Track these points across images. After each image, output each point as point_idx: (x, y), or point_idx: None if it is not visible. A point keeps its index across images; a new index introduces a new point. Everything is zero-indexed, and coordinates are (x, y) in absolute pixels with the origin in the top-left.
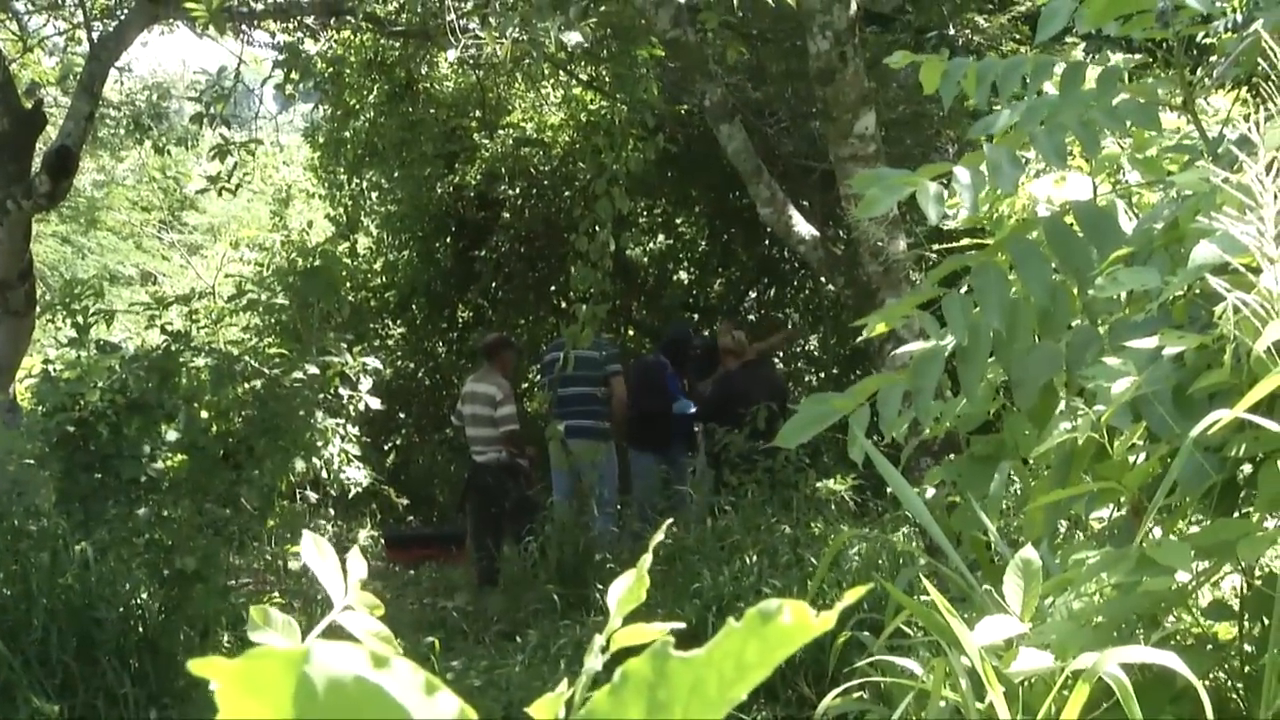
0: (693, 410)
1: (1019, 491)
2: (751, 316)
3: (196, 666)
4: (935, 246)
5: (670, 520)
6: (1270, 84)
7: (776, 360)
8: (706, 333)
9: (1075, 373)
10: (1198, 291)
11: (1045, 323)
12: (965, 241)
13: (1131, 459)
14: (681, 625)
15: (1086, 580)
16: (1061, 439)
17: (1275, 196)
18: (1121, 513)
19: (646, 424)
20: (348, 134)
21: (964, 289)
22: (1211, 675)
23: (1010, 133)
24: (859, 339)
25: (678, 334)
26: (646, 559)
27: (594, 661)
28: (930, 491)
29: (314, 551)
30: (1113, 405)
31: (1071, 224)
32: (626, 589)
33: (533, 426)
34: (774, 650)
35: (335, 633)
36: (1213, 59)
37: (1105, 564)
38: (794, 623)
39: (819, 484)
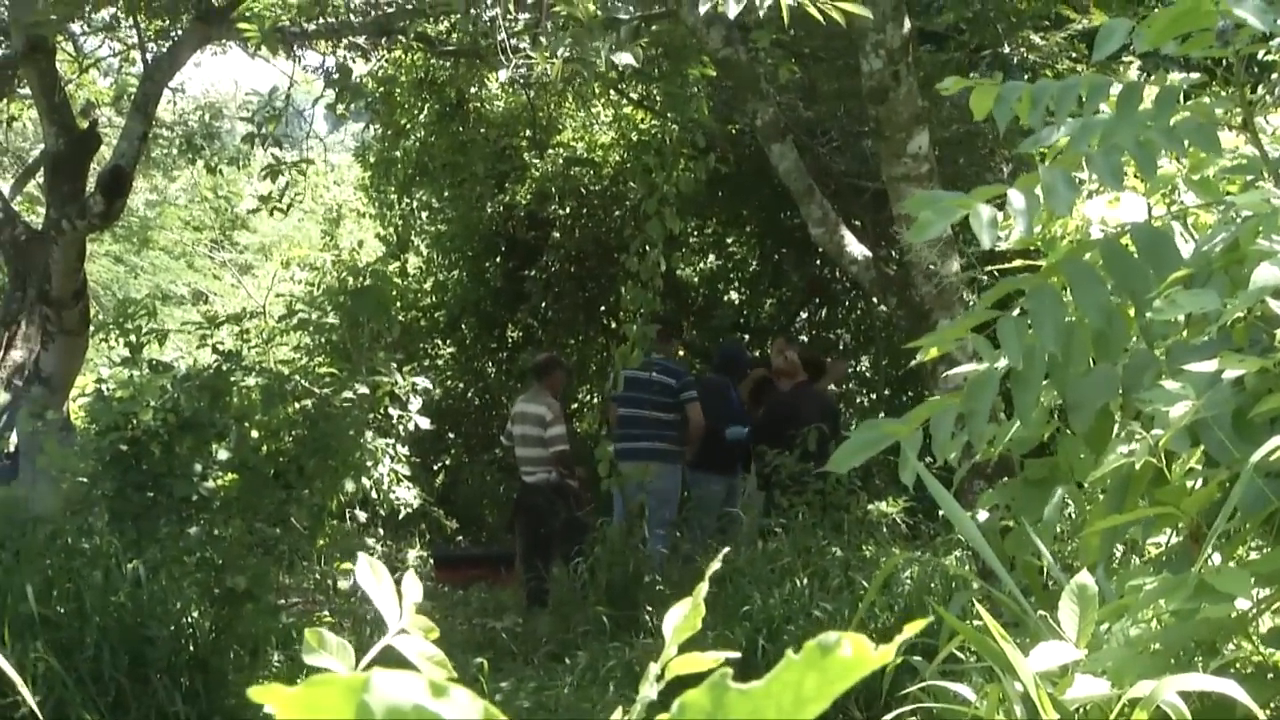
0: (744, 433)
1: (1074, 516)
2: (803, 337)
3: (257, 694)
4: (989, 268)
5: (726, 549)
6: None
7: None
8: (758, 353)
9: (1132, 396)
10: (1258, 314)
11: (1101, 346)
12: (1018, 264)
13: (1190, 484)
14: (736, 655)
15: (1143, 607)
16: (1118, 463)
17: None
18: (1180, 538)
19: (712, 445)
20: (398, 153)
21: (1018, 311)
22: (1273, 705)
23: (1065, 154)
24: (912, 361)
25: (732, 352)
26: (703, 588)
27: (649, 690)
28: (983, 515)
29: (369, 574)
30: (1171, 429)
31: (1128, 245)
32: (682, 617)
33: (583, 447)
34: (833, 683)
35: (389, 656)
36: (1274, 76)
37: (1163, 590)
38: (853, 655)
39: (870, 506)
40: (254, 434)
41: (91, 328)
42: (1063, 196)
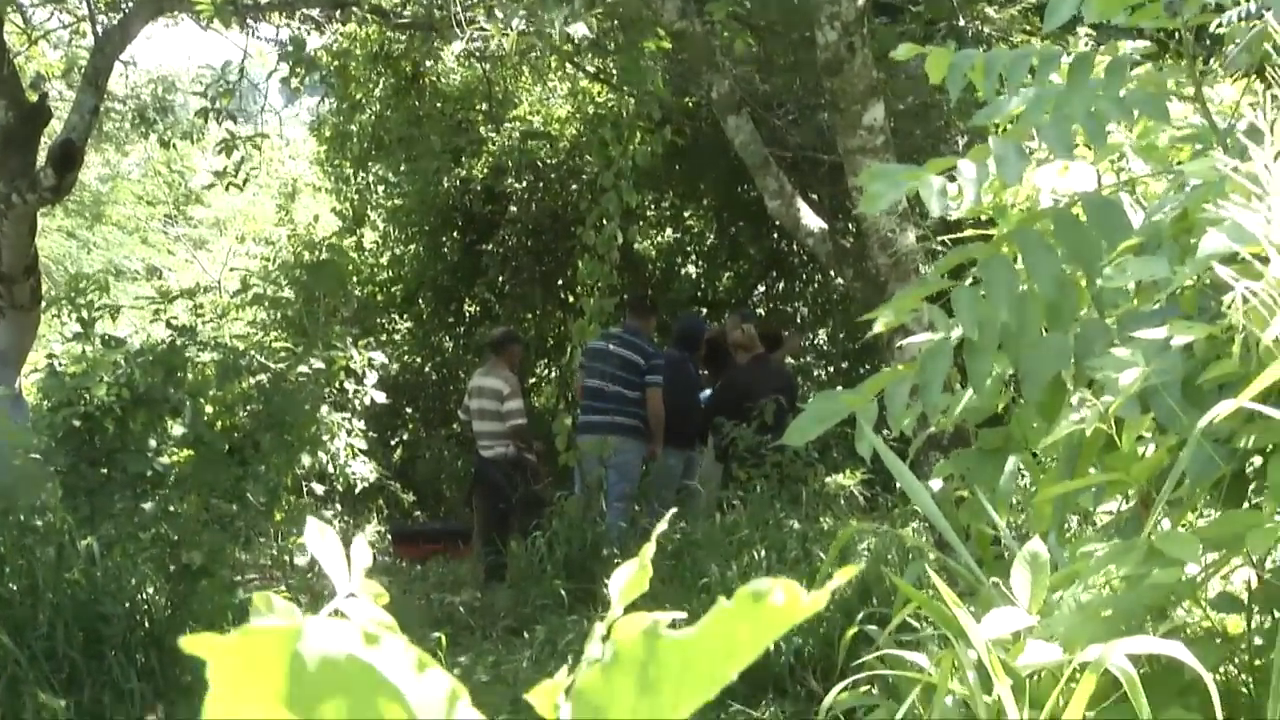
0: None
1: (1028, 485)
2: (760, 310)
3: (188, 644)
4: (945, 238)
5: (674, 510)
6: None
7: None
8: (716, 325)
9: (1084, 364)
10: (1207, 282)
11: (1053, 314)
12: (971, 233)
13: (1140, 450)
14: (683, 615)
15: (1094, 573)
16: (1069, 431)
17: None
18: (1130, 505)
19: (672, 418)
20: (354, 127)
21: (971, 281)
22: (1220, 669)
23: (1016, 124)
24: (868, 333)
25: (689, 326)
26: (649, 548)
27: (595, 649)
28: (938, 485)
29: (318, 538)
30: (1121, 397)
31: (1078, 214)
32: (629, 578)
33: (540, 421)
34: (766, 630)
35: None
36: (1224, 49)
37: (1113, 556)
38: (786, 602)
39: (828, 479)
40: (209, 409)
41: (43, 303)
42: (1013, 166)
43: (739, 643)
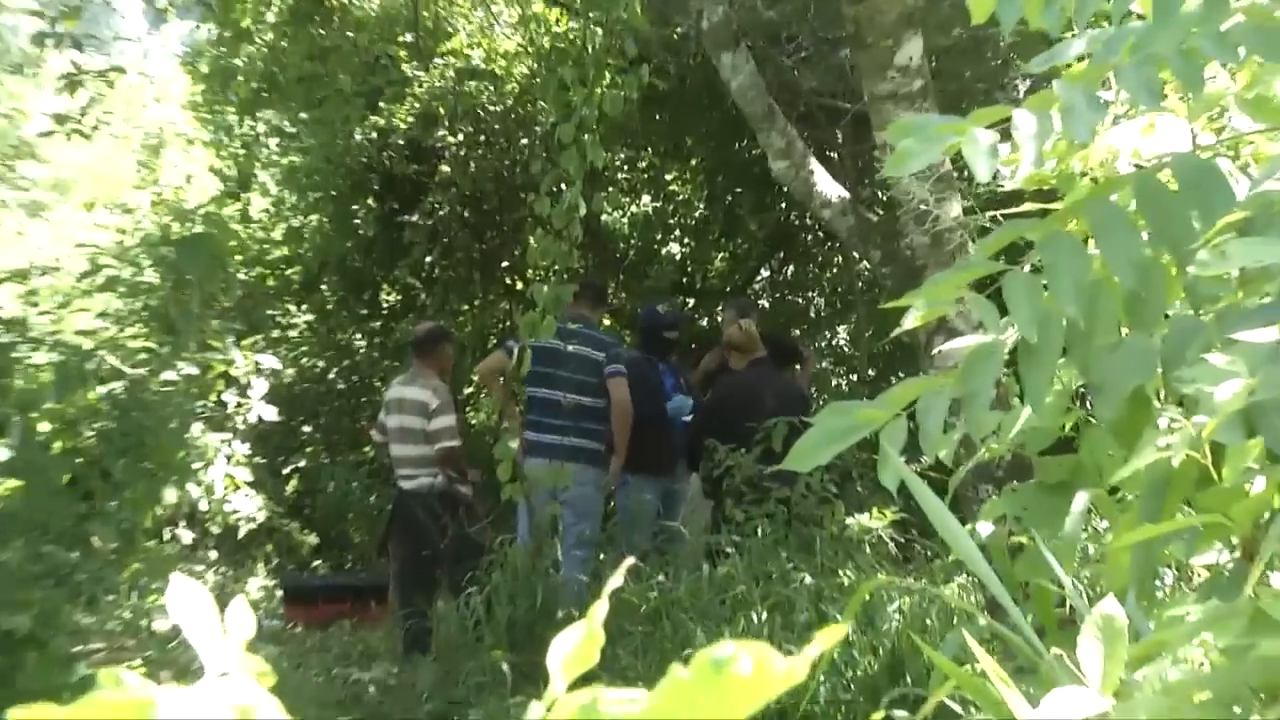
0: (688, 406)
1: (1104, 530)
2: (764, 302)
3: (16, 714)
4: (997, 212)
5: (632, 560)
6: None
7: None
8: (705, 321)
9: (1172, 374)
10: None
11: (1134, 310)
12: (1031, 206)
13: (1245, 486)
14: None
15: (1186, 643)
16: (1153, 460)
17: None
18: (1232, 556)
19: (641, 441)
20: (239, 62)
21: (1030, 267)
22: None
23: (1089, 66)
24: (898, 330)
25: (647, 320)
26: (600, 606)
27: None
28: (987, 529)
29: (185, 597)
30: (1219, 416)
31: (1167, 182)
32: (574, 647)
33: (479, 443)
34: (731, 706)
35: None
36: None
37: (1210, 622)
38: (755, 673)
39: (850, 520)
40: (44, 427)
41: None
42: (1084, 119)
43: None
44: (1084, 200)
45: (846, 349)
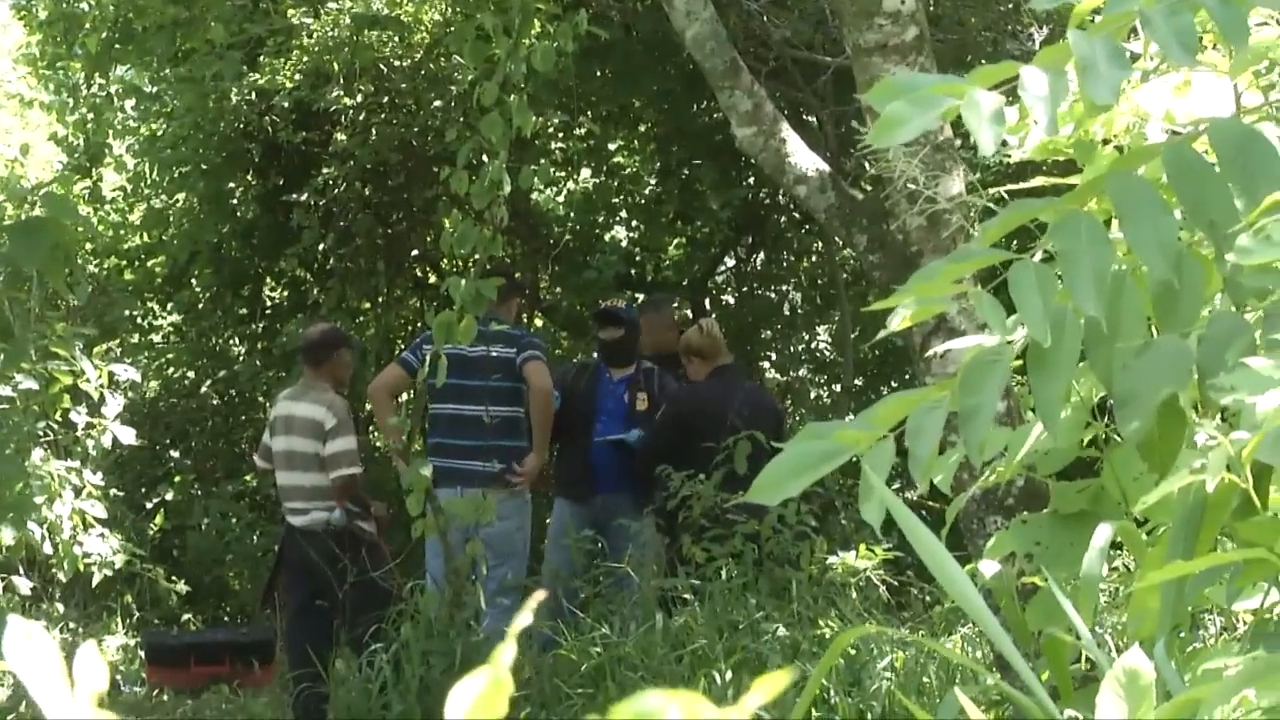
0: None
1: (1129, 566)
2: (728, 296)
3: None
4: (1006, 188)
5: (542, 594)
6: None
7: (766, 366)
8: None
9: (1209, 382)
10: None
11: (1165, 306)
12: (1044, 180)
13: None
14: None
15: (1225, 701)
16: (1186, 484)
17: None
18: (1277, 597)
19: (570, 463)
20: (86, 6)
21: (1042, 254)
22: None
23: (1108, 12)
24: (885, 332)
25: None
26: (505, 650)
27: None
28: (992, 568)
29: (23, 647)
30: (1261, 431)
31: (1205, 153)
32: (476, 698)
33: (384, 470)
34: None
35: None
36: None
37: (1252, 676)
38: None
39: (832, 560)
40: None
41: None
42: (1105, 78)
43: None
44: (1106, 175)
45: (828, 353)
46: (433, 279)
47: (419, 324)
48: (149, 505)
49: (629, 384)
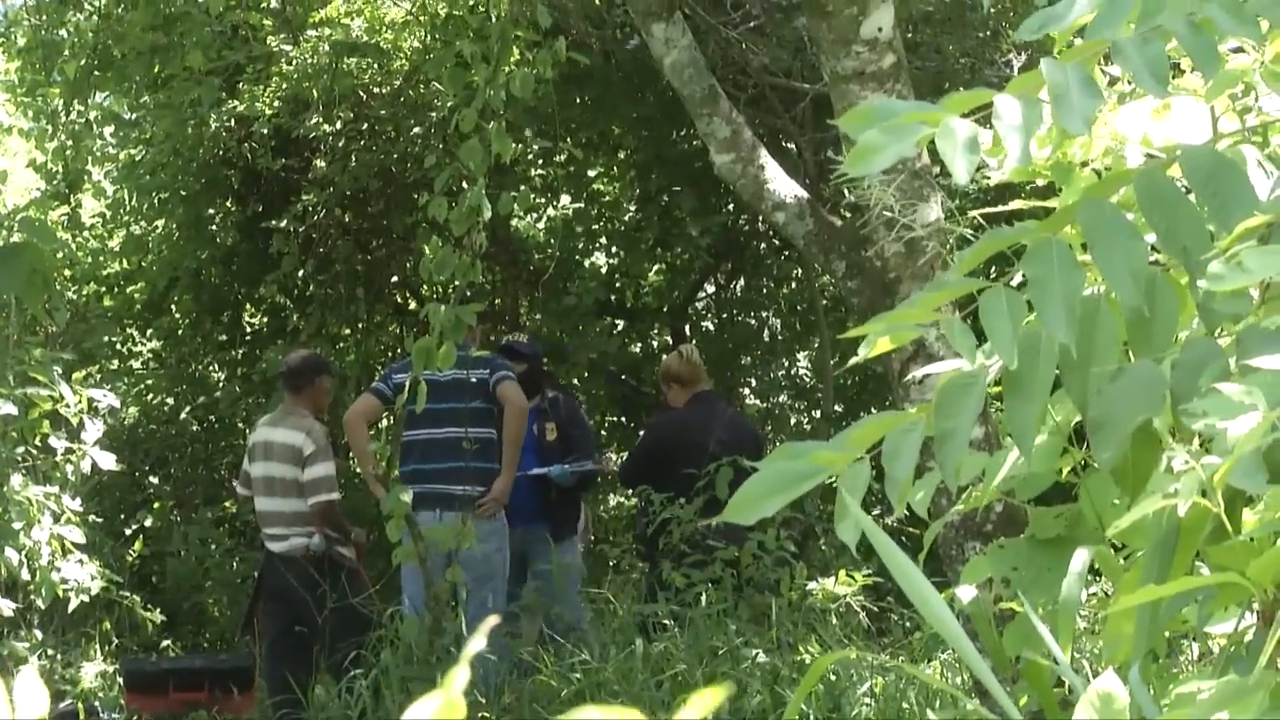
0: (566, 474)
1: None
2: (708, 322)
3: None
4: (985, 211)
5: (495, 619)
6: None
7: (746, 392)
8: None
9: (1182, 407)
10: None
11: (1138, 332)
12: (1023, 204)
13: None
14: None
15: None
16: (1159, 508)
17: None
18: (1249, 622)
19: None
20: (65, 33)
21: (1020, 281)
22: None
23: (1085, 39)
24: (860, 358)
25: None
26: (459, 674)
27: None
28: (969, 593)
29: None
30: (1233, 455)
31: (1177, 179)
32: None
33: (364, 497)
34: None
35: None
36: None
37: (1225, 699)
38: None
39: (812, 585)
40: None
41: None
42: (1078, 105)
43: None
44: (1079, 201)
45: (808, 379)
46: (412, 305)
47: (399, 350)
48: (128, 531)
49: (536, 415)
